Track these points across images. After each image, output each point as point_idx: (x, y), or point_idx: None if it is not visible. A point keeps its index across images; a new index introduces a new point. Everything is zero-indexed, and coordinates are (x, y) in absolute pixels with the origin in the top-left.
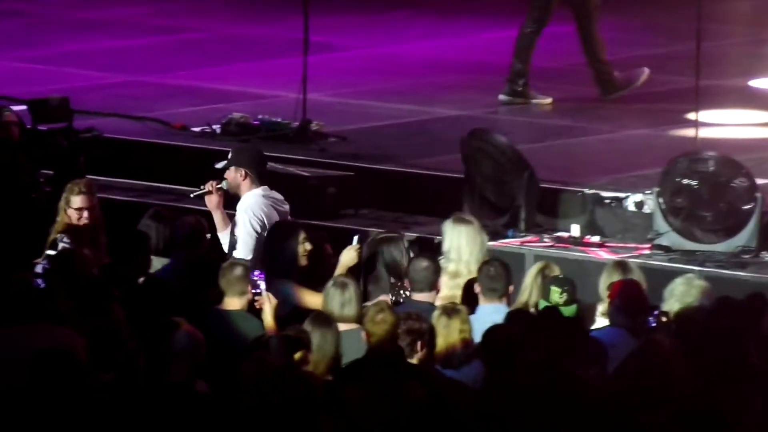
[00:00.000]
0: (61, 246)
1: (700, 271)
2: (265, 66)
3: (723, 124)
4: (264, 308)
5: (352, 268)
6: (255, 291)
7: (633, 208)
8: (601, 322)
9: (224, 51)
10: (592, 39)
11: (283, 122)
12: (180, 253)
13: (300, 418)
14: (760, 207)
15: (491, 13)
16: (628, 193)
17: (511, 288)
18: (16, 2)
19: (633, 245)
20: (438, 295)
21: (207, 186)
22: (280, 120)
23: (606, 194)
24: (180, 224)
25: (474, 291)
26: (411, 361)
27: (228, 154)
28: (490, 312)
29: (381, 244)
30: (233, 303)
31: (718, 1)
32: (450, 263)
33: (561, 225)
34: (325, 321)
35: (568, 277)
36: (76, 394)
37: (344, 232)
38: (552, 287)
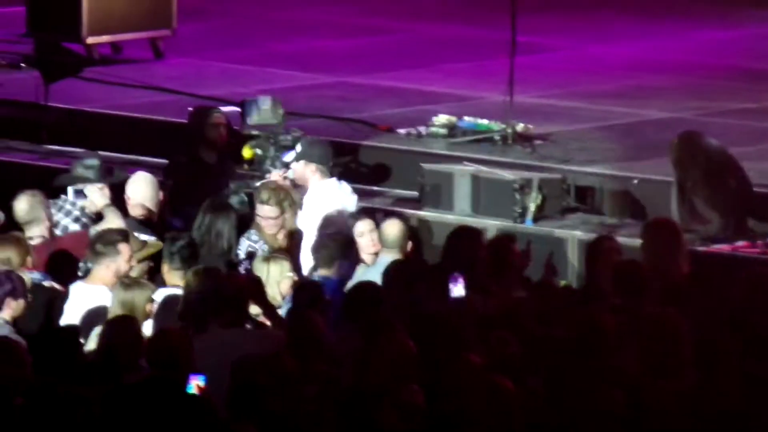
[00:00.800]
0: (247, 244)
1: None
2: (472, 67)
3: None
4: None
5: None
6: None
7: None
8: None
9: (430, 52)
10: None
11: (489, 124)
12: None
13: None
14: None
15: (695, 15)
16: None
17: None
18: (220, 3)
19: None
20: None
21: (272, 176)
22: (486, 122)
23: None
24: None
25: None
26: None
27: (298, 146)
28: None
29: None
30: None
31: None
32: None
33: None
34: None
35: None
36: (279, 403)
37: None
38: None
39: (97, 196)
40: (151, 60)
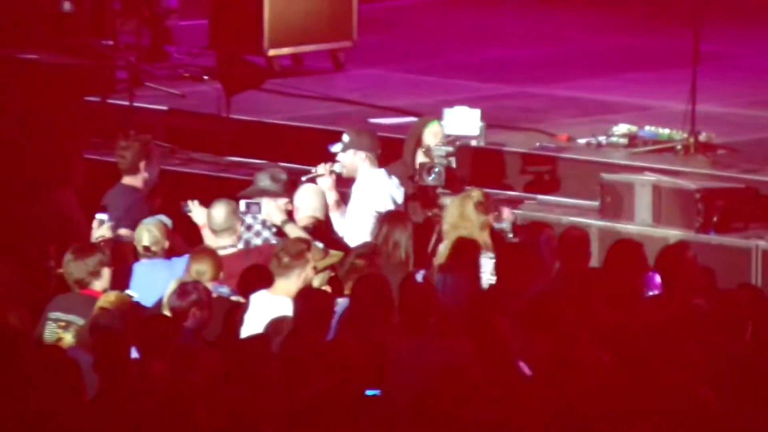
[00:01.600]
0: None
1: None
2: (653, 76)
3: None
4: None
5: None
6: None
7: None
8: None
9: (611, 61)
10: None
11: (671, 133)
12: None
13: None
14: None
15: None
16: None
17: None
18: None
19: None
20: None
21: (320, 168)
22: (667, 131)
23: None
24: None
25: None
26: None
27: (345, 137)
28: None
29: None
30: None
31: None
32: None
33: None
34: None
35: None
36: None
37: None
38: None
39: (274, 211)
40: (332, 71)
